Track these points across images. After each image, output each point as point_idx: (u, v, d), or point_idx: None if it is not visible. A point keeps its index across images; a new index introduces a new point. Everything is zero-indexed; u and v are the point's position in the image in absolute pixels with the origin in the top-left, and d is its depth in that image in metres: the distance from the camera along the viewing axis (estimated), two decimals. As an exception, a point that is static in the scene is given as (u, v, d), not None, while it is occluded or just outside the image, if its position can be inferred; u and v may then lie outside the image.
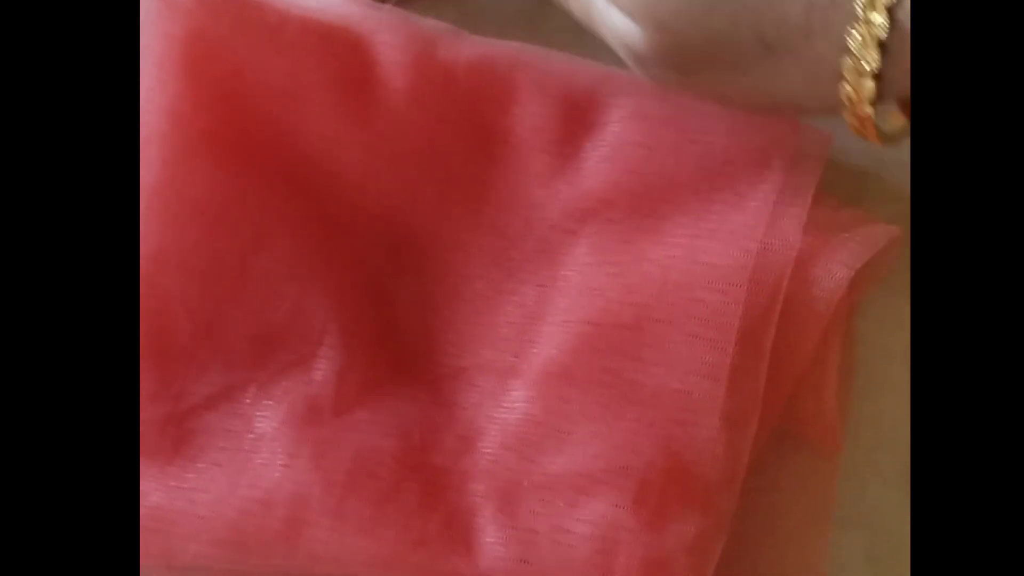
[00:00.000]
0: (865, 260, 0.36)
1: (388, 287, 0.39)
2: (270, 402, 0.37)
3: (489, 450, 0.36)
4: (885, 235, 0.37)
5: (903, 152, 0.39)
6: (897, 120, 0.36)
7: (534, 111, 0.39)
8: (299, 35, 0.38)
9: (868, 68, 0.31)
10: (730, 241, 0.36)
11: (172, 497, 0.36)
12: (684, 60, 0.34)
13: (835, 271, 0.36)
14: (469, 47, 0.39)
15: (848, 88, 0.32)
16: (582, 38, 0.41)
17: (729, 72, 0.34)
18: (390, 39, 0.39)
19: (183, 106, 0.38)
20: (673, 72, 0.35)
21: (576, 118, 0.39)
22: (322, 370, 0.37)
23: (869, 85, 0.31)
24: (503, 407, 0.37)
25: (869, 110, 0.32)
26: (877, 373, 0.39)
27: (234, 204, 0.38)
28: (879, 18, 0.30)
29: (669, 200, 0.38)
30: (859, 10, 0.30)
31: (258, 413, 0.37)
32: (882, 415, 0.38)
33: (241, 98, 0.38)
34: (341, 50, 0.39)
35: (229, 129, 0.38)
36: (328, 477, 0.36)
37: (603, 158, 0.38)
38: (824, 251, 0.36)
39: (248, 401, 0.37)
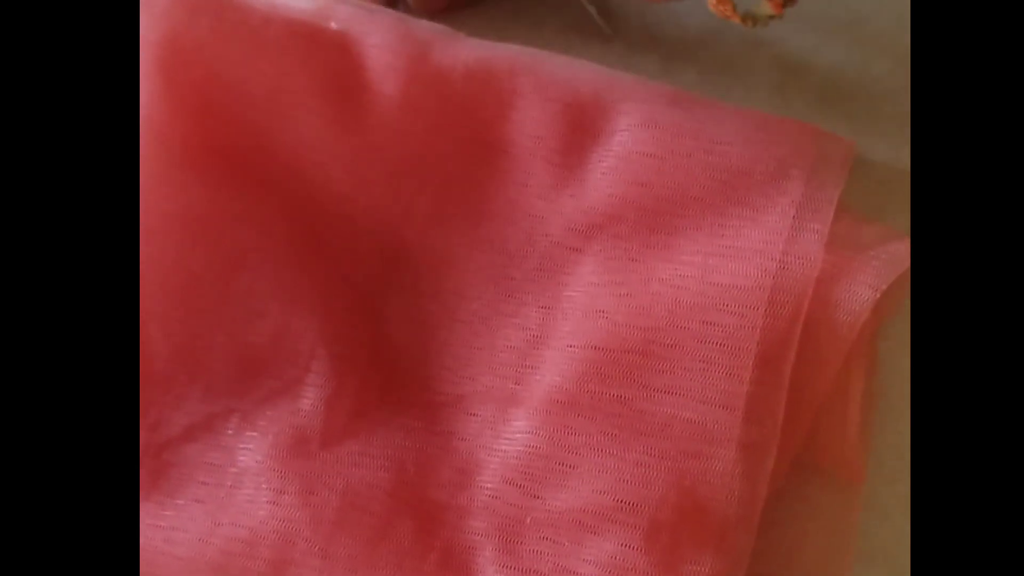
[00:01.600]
0: (891, 280, 0.34)
1: (379, 307, 0.37)
2: (254, 433, 0.35)
3: (489, 484, 0.34)
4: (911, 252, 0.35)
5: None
6: (765, 8, 0.35)
7: (535, 118, 0.36)
8: (283, 37, 0.36)
9: None
10: (746, 259, 0.34)
11: (149, 536, 0.34)
12: None
13: (859, 292, 0.34)
14: (466, 50, 0.36)
15: None
16: (587, 40, 0.39)
17: None
18: (381, 41, 0.36)
19: (159, 113, 0.35)
20: None
21: (581, 126, 0.36)
22: (310, 398, 0.35)
23: None
24: (504, 438, 0.35)
25: None
26: (900, 399, 0.36)
27: (214, 218, 0.36)
28: None
29: (680, 214, 0.35)
30: None
31: (241, 445, 0.35)
32: (906, 444, 0.36)
33: (221, 104, 0.36)
34: (329, 53, 0.36)
35: (209, 137, 0.36)
36: (316, 514, 0.34)
37: (609, 169, 0.36)
38: (847, 270, 0.34)
39: (231, 432, 0.35)
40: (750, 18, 0.35)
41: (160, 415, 0.35)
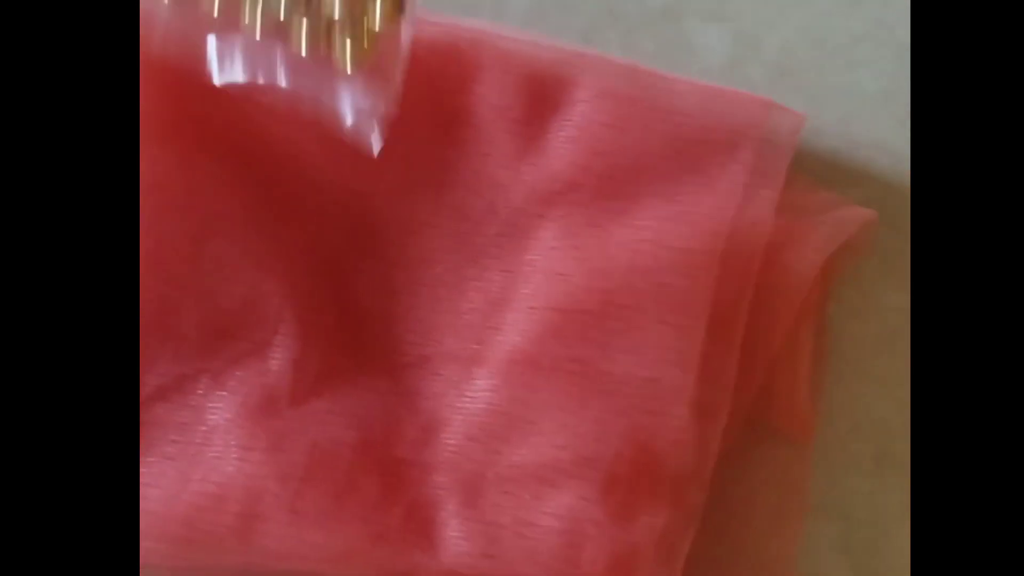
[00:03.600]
0: (838, 244, 0.35)
1: (346, 271, 0.38)
2: (224, 393, 0.36)
3: (452, 441, 0.35)
4: (858, 218, 0.36)
5: (877, 133, 0.38)
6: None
7: (497, 90, 0.37)
8: (253, 11, 0.37)
9: None
10: (699, 224, 0.35)
11: (121, 492, 0.34)
12: None
13: (808, 256, 0.35)
14: (430, 25, 0.37)
15: None
16: (547, 19, 0.40)
17: None
18: (348, 15, 0.37)
19: (131, 84, 0.36)
20: None
21: (541, 98, 0.37)
22: (278, 359, 0.36)
23: None
24: (467, 396, 0.36)
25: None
26: (850, 360, 0.38)
27: (184, 185, 0.37)
28: None
29: (637, 182, 0.36)
30: None
31: (211, 404, 0.36)
32: (856, 403, 0.38)
33: (192, 76, 0.37)
34: (297, 26, 0.37)
35: (179, 107, 0.37)
36: (284, 470, 0.34)
37: (569, 139, 0.37)
38: (796, 235, 0.36)
39: (200, 392, 0.36)
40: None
41: (132, 377, 0.36)
